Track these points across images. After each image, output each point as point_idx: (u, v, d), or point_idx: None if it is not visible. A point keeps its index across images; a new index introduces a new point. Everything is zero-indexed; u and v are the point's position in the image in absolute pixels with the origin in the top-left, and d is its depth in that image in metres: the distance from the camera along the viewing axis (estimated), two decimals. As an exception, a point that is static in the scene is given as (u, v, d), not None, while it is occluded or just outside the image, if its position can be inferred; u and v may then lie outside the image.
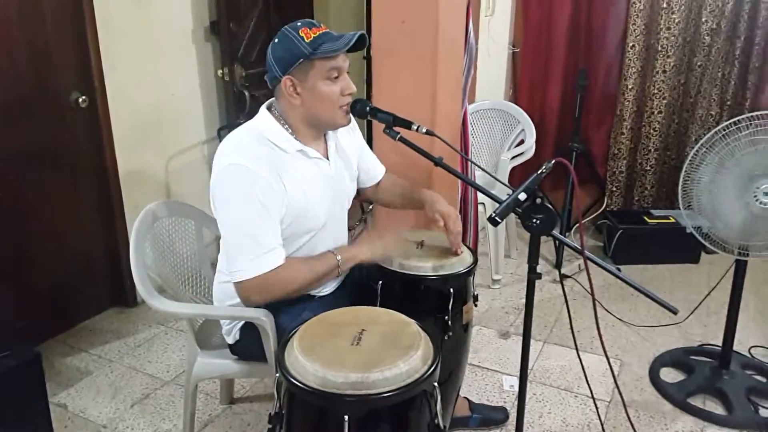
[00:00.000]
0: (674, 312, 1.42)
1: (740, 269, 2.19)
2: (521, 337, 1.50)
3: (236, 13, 3.03)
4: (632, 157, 3.64)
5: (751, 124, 2.02)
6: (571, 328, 1.67)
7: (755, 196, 2.01)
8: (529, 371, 2.35)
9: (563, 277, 3.19)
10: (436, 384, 1.27)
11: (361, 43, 1.55)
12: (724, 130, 2.04)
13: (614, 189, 3.69)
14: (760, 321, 2.77)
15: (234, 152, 1.52)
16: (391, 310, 1.44)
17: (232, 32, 3.03)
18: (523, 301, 1.49)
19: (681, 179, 2.15)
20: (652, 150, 3.57)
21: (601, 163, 3.73)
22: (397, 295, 1.68)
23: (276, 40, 1.55)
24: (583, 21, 3.56)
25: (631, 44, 3.41)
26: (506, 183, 2.95)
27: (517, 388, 2.16)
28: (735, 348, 2.36)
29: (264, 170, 1.49)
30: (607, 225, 3.50)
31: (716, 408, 2.21)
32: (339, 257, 1.58)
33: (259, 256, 1.48)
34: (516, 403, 1.58)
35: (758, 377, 2.37)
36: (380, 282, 1.66)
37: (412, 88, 2.15)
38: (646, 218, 3.41)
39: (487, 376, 2.41)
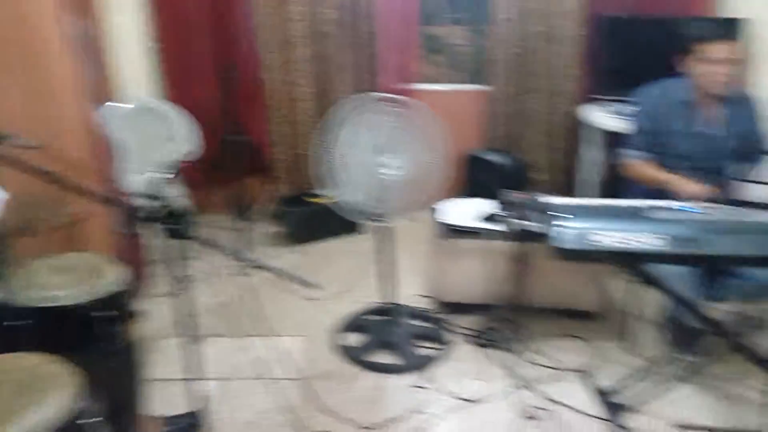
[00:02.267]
0: (315, 288, 1.51)
1: (386, 233, 2.47)
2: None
3: None
4: (292, 143, 3.82)
5: (371, 105, 2.26)
6: (252, 317, 1.65)
7: (380, 168, 2.28)
8: (217, 369, 2.32)
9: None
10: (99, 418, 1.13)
11: None
12: (348, 110, 2.25)
13: (281, 175, 3.84)
14: (414, 272, 3.17)
15: None
16: (20, 353, 1.22)
17: None
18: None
19: (319, 159, 2.31)
20: (309, 135, 3.79)
21: (265, 151, 3.84)
22: (39, 331, 1.45)
23: None
24: (220, 13, 3.57)
25: (264, 37, 3.56)
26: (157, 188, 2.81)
27: (209, 391, 2.14)
28: (401, 302, 2.67)
29: None
30: (280, 210, 3.63)
31: (390, 359, 2.48)
32: None
33: None
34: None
35: (421, 323, 2.72)
36: (9, 322, 1.41)
37: (22, 97, 1.86)
38: (312, 199, 3.62)
39: (179, 387, 2.28)
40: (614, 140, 3.58)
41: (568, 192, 3.92)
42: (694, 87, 2.38)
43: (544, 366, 2.45)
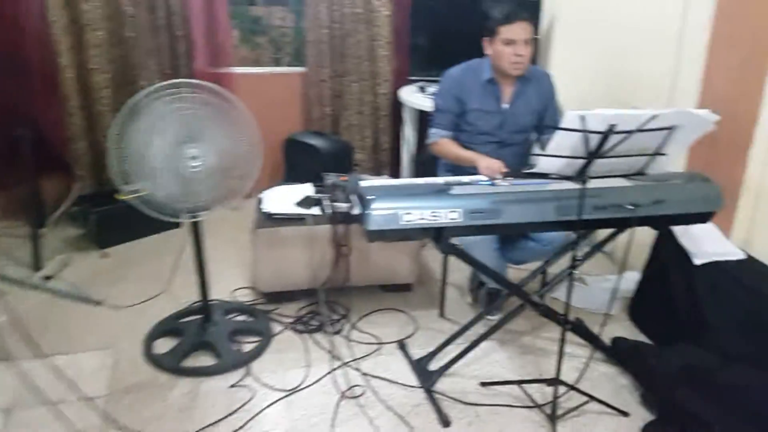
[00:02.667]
0: (99, 304, 1.37)
1: (195, 228, 2.32)
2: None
3: None
4: (92, 137, 3.49)
5: (175, 92, 2.08)
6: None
7: (186, 162, 2.12)
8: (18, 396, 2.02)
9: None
10: None
11: None
12: (149, 98, 2.06)
13: (82, 173, 3.49)
14: (239, 264, 3.05)
15: None
16: None
17: None
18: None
19: (119, 153, 2.11)
20: (110, 126, 3.47)
21: (62, 147, 3.46)
22: None
23: None
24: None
25: (53, 18, 3.17)
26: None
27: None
28: (219, 297, 2.55)
29: None
30: (83, 210, 3.30)
31: (208, 361, 2.35)
32: None
33: None
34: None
35: (240, 318, 2.62)
36: None
37: None
38: (120, 197, 3.32)
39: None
40: (427, 120, 3.72)
41: (393, 171, 4.02)
42: (494, 67, 2.50)
43: (365, 343, 2.48)
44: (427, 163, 2.85)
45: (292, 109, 3.88)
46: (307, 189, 2.87)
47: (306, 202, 2.75)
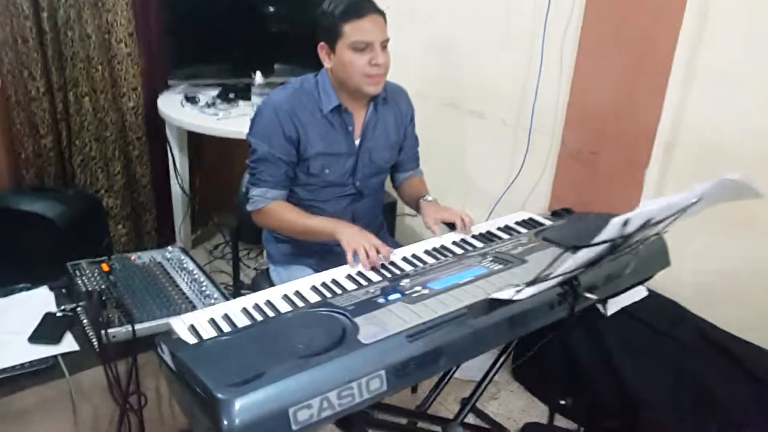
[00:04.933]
0: None
1: None
2: None
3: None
4: None
5: None
6: None
7: None
8: None
9: None
10: None
11: None
12: None
13: None
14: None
15: None
16: None
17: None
18: None
19: None
20: None
21: None
22: None
23: None
24: None
25: None
26: None
27: None
28: None
29: None
30: None
31: None
32: None
33: None
34: None
35: None
36: None
37: None
38: None
39: None
40: (199, 138, 2.78)
41: (160, 216, 2.93)
42: (338, 86, 1.65)
43: None
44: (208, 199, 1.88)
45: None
46: (44, 300, 1.72)
47: (47, 329, 1.61)
